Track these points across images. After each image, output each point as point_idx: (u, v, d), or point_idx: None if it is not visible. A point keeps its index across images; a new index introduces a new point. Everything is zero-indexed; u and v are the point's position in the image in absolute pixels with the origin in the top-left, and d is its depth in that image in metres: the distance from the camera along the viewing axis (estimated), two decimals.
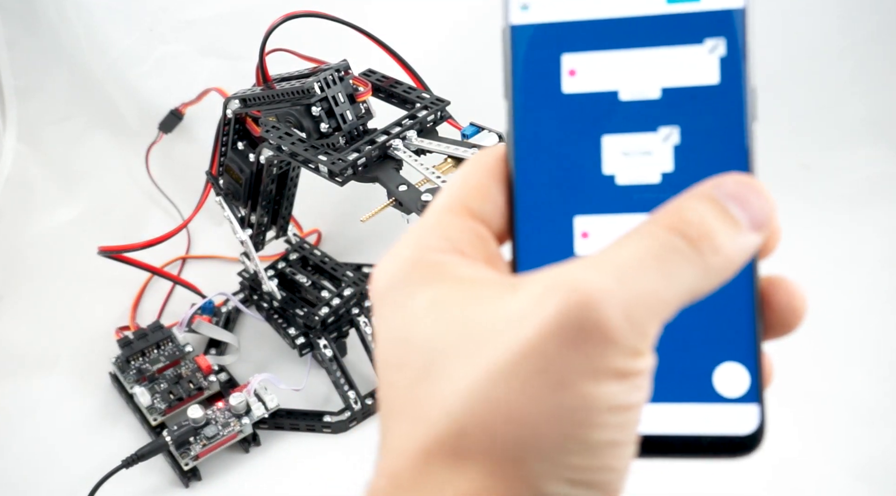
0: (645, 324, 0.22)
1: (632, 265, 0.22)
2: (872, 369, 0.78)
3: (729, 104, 0.25)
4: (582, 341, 0.21)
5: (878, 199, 0.95)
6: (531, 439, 0.21)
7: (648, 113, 0.26)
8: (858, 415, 0.74)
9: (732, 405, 0.25)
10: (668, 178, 0.26)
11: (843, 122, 1.02)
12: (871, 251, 0.90)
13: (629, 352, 0.21)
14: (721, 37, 0.25)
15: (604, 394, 0.21)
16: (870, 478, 0.69)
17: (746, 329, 0.25)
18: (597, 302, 0.21)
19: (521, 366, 0.21)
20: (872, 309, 0.84)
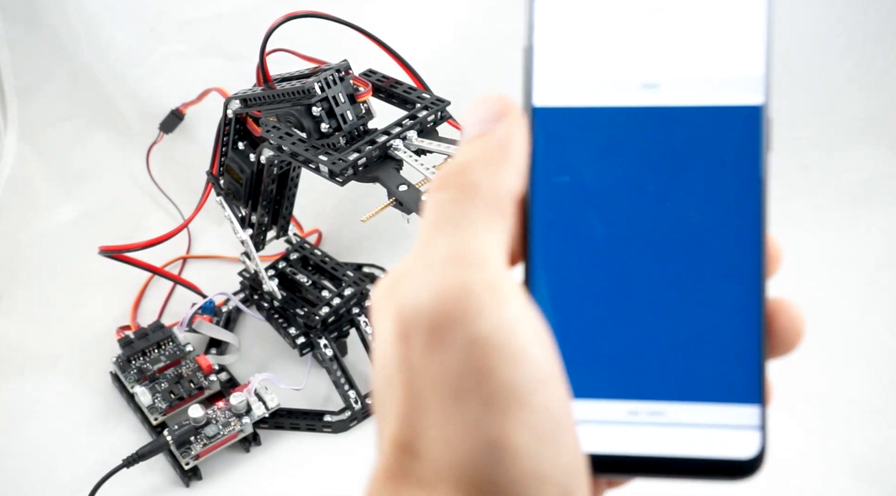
0: (475, 281, 0.22)
1: (425, 244, 0.23)
2: (872, 369, 0.78)
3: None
4: (443, 343, 0.22)
5: (878, 199, 0.95)
6: (466, 465, 0.22)
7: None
8: (858, 415, 0.74)
9: (735, 430, 0.25)
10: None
11: (843, 122, 1.02)
12: (870, 251, 0.90)
13: (489, 317, 0.22)
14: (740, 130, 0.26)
15: (499, 387, 0.22)
16: (869, 478, 0.69)
17: (752, 356, 0.26)
18: (422, 300, 0.22)
19: (420, 391, 0.22)
20: (872, 309, 0.84)
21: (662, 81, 0.26)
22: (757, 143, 0.26)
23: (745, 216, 0.26)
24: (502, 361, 0.21)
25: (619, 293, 0.26)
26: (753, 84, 0.26)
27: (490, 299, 0.22)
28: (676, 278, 0.26)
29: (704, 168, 0.26)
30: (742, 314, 0.26)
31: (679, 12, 0.26)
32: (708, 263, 0.26)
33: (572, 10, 0.27)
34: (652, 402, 0.26)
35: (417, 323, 0.22)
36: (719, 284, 0.26)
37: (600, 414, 0.26)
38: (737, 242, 0.26)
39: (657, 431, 0.25)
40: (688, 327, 0.26)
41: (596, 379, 0.26)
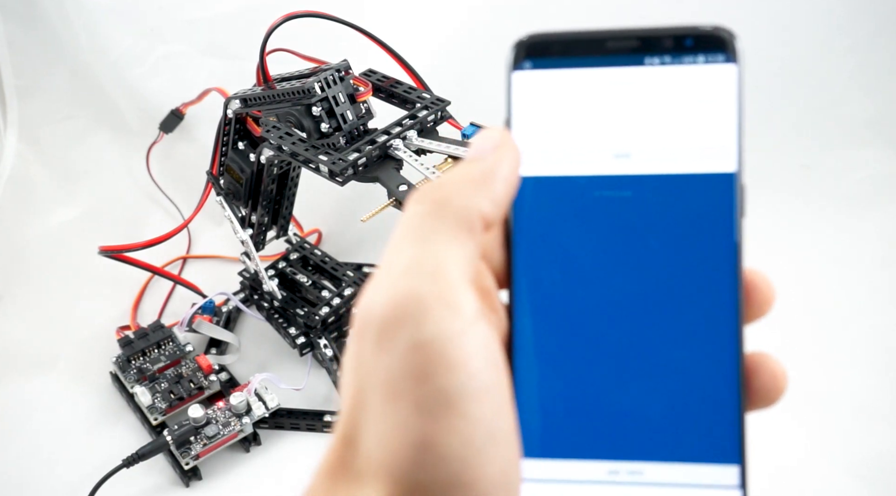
0: (428, 290, 0.23)
1: (392, 250, 0.24)
2: (872, 369, 0.78)
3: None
4: (388, 344, 0.22)
5: (878, 199, 0.95)
6: (394, 463, 0.22)
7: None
8: (858, 415, 0.74)
9: (716, 490, 0.26)
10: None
11: (844, 122, 1.02)
12: (871, 251, 0.90)
13: (435, 325, 0.22)
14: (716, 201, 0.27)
15: (434, 392, 0.22)
16: (869, 478, 0.69)
17: (731, 417, 0.26)
18: (376, 301, 0.23)
19: (363, 389, 0.23)
20: (872, 309, 0.84)
21: (634, 151, 0.27)
22: (731, 209, 0.27)
23: (721, 280, 0.26)
24: (440, 368, 0.22)
25: (599, 356, 0.26)
26: (726, 153, 0.27)
27: (438, 308, 0.22)
28: (655, 341, 0.26)
29: (680, 234, 0.26)
30: (720, 376, 0.26)
31: (650, 86, 0.27)
32: (686, 326, 0.26)
33: (548, 85, 0.27)
34: (632, 462, 0.26)
35: (369, 324, 0.23)
36: (697, 347, 0.26)
37: (581, 474, 0.26)
38: (713, 306, 0.26)
39: (637, 491, 0.26)
40: (667, 389, 0.26)
41: (577, 439, 0.26)
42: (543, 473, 0.26)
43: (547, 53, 0.27)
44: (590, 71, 0.27)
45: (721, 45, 0.27)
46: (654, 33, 0.27)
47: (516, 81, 0.28)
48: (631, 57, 0.27)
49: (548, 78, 0.27)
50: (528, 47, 0.28)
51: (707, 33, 0.27)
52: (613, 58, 0.27)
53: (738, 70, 0.27)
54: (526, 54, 0.28)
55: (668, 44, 0.27)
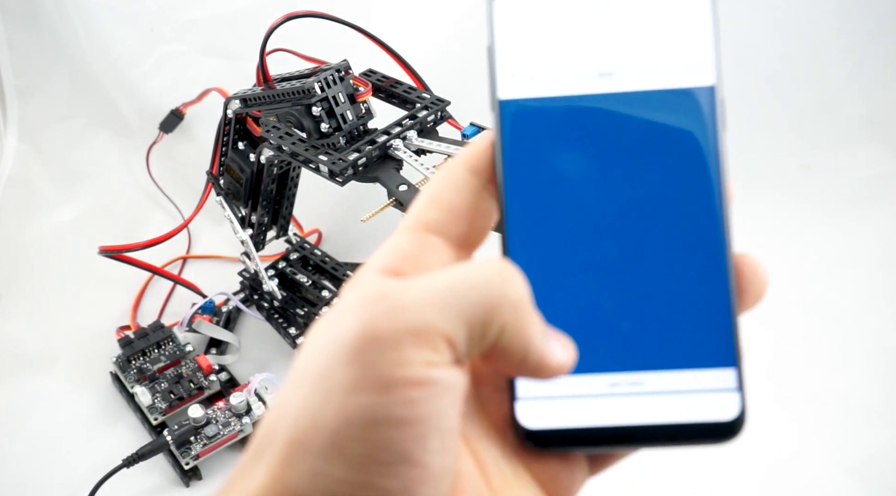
0: (423, 329, 0.23)
1: (434, 282, 0.24)
2: (870, 369, 0.78)
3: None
4: (352, 351, 0.23)
5: (878, 199, 0.95)
6: (300, 446, 0.23)
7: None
8: (856, 415, 0.74)
9: (714, 393, 0.26)
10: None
11: (843, 122, 1.02)
12: (871, 251, 0.90)
13: (387, 357, 0.23)
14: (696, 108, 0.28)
15: (363, 407, 0.23)
16: (866, 478, 0.69)
17: (724, 321, 0.27)
18: (369, 311, 0.23)
19: (303, 373, 0.24)
20: (871, 309, 0.84)
21: (616, 69, 0.28)
22: (713, 120, 0.27)
23: (706, 188, 0.27)
24: (370, 387, 0.23)
25: (592, 270, 0.27)
26: (704, 67, 0.27)
27: (411, 350, 0.23)
28: (645, 253, 0.27)
29: (665, 146, 0.27)
30: (711, 282, 0.27)
31: (628, 6, 0.28)
32: (674, 236, 0.27)
33: (528, 10, 0.28)
34: (631, 373, 0.27)
35: (344, 339, 0.23)
36: (686, 255, 0.27)
37: (582, 388, 0.27)
38: (699, 213, 0.27)
39: (639, 401, 0.26)
40: (660, 298, 0.27)
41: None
42: (543, 391, 0.27)
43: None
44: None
45: None
46: None
47: (497, 6, 0.28)
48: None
49: (527, 2, 0.28)
50: None
51: None
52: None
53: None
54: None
55: None
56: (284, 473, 0.23)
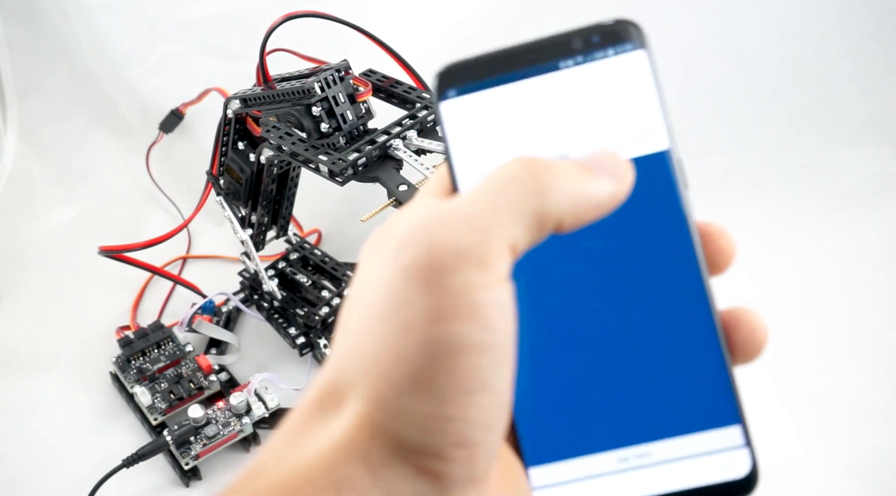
0: (473, 242, 0.23)
1: (473, 195, 0.24)
2: (872, 369, 0.78)
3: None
4: (419, 279, 0.23)
5: (878, 199, 0.95)
6: (385, 384, 0.23)
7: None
8: (856, 415, 0.74)
9: (723, 453, 0.26)
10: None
11: (843, 122, 1.02)
12: (871, 251, 0.90)
13: (469, 277, 0.23)
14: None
15: (443, 336, 0.22)
16: (868, 478, 0.69)
17: (721, 380, 0.27)
18: (425, 237, 0.23)
19: (374, 313, 0.24)
20: (872, 309, 0.84)
21: (571, 150, 0.27)
22: (673, 183, 0.27)
23: (680, 251, 0.27)
24: (459, 314, 0.23)
25: (582, 349, 0.27)
26: (655, 133, 0.27)
27: (474, 261, 0.23)
28: (632, 327, 0.27)
29: (632, 216, 0.27)
30: (701, 343, 0.27)
31: (571, 87, 0.28)
32: (657, 301, 0.27)
33: (476, 108, 0.28)
34: (638, 446, 0.27)
35: (408, 256, 0.23)
36: (673, 322, 0.27)
37: (592, 468, 0.27)
38: (678, 278, 0.27)
39: (650, 472, 0.26)
40: (654, 369, 0.27)
41: (580, 436, 0.27)
42: (554, 477, 0.27)
43: (467, 78, 0.28)
44: (511, 86, 0.28)
45: (626, 35, 0.28)
46: (561, 38, 0.28)
47: (445, 111, 0.28)
48: (545, 65, 0.28)
49: (474, 101, 0.28)
50: (447, 76, 0.28)
51: (610, 27, 0.28)
52: (529, 69, 0.28)
53: (648, 54, 0.28)
54: (448, 83, 0.28)
55: (577, 44, 0.28)
56: (372, 414, 0.23)
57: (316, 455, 0.23)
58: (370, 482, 0.23)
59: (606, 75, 0.28)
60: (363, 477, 0.23)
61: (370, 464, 0.23)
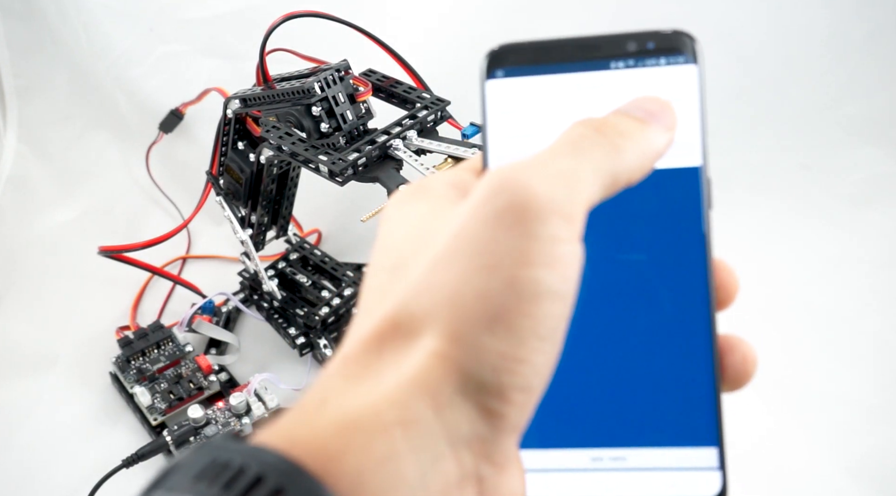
0: (561, 196, 0.24)
1: (551, 153, 0.25)
2: (871, 369, 0.78)
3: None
4: (511, 222, 0.23)
5: (878, 199, 0.95)
6: (464, 320, 0.23)
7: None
8: (856, 415, 0.74)
9: (696, 472, 0.27)
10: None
11: (843, 122, 1.02)
12: (871, 251, 0.90)
13: (554, 225, 0.23)
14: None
15: (531, 279, 0.23)
16: (867, 478, 0.69)
17: (708, 401, 0.27)
18: (519, 184, 0.24)
19: (457, 251, 0.24)
20: (872, 309, 0.84)
21: None
22: (698, 201, 0.27)
23: (692, 270, 0.27)
24: (544, 261, 0.23)
25: (577, 346, 0.27)
26: (691, 148, 0.28)
27: (562, 214, 0.24)
28: (631, 330, 0.27)
29: (651, 227, 0.27)
30: (695, 363, 0.27)
31: (617, 88, 0.28)
32: (660, 315, 0.27)
33: (520, 92, 0.28)
34: (614, 449, 0.27)
35: (501, 198, 0.24)
36: (672, 335, 0.27)
37: (565, 462, 0.27)
38: (685, 295, 0.27)
39: (620, 477, 0.27)
40: (645, 376, 0.27)
41: (560, 429, 0.27)
42: (527, 463, 0.27)
43: (518, 62, 0.29)
44: (559, 77, 0.28)
45: (681, 47, 0.28)
46: (618, 38, 0.28)
47: (490, 90, 0.29)
48: (597, 62, 0.28)
49: (520, 85, 0.28)
50: (499, 57, 0.29)
51: (667, 36, 0.28)
52: (581, 63, 0.28)
53: (699, 70, 0.28)
54: (498, 63, 0.29)
55: (632, 48, 0.28)
56: (449, 350, 0.23)
57: (384, 391, 0.23)
58: (434, 421, 0.23)
59: (654, 83, 0.28)
60: (429, 414, 0.23)
61: (438, 402, 0.23)
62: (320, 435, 0.22)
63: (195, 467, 0.22)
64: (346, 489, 0.21)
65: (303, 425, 0.23)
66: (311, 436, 0.22)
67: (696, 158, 0.28)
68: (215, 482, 0.21)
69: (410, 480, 0.22)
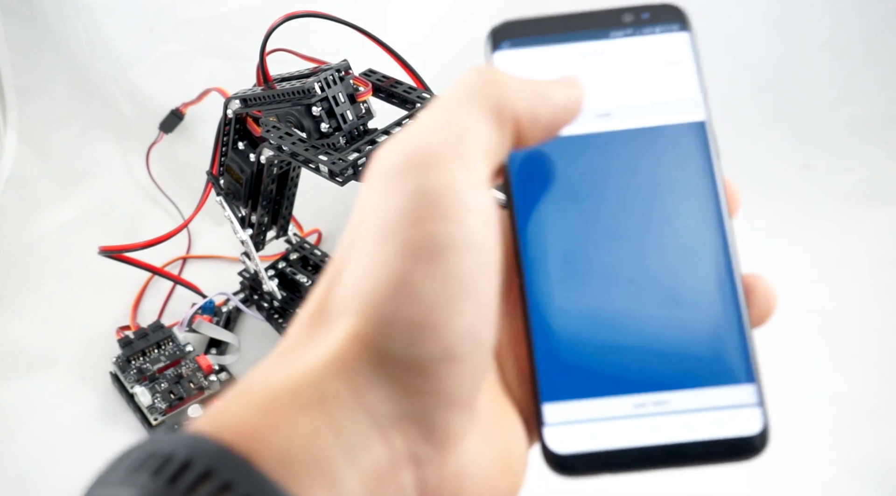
0: (445, 144, 0.23)
1: (428, 112, 0.24)
2: (871, 369, 0.78)
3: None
4: (396, 185, 0.23)
5: (878, 199, 0.95)
6: (370, 295, 0.23)
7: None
8: (856, 415, 0.74)
9: (737, 409, 0.27)
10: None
11: (843, 122, 1.02)
12: (870, 251, 0.90)
13: (442, 175, 0.23)
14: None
15: (422, 236, 0.22)
16: (867, 478, 0.69)
17: (740, 340, 0.28)
18: (399, 146, 0.24)
19: (367, 230, 0.24)
20: (872, 309, 0.84)
21: (613, 111, 0.30)
22: (707, 151, 0.29)
23: (709, 214, 0.29)
24: (437, 215, 0.22)
25: (609, 297, 0.28)
26: (694, 105, 0.30)
27: (451, 162, 0.23)
28: (658, 281, 0.28)
29: (666, 178, 0.29)
30: (723, 303, 0.28)
31: (619, 55, 0.30)
32: (685, 261, 0.28)
33: (528, 61, 0.30)
34: (655, 394, 0.27)
35: (382, 170, 0.24)
36: (698, 280, 0.28)
37: (609, 410, 0.27)
38: (705, 238, 0.28)
39: (664, 420, 0.27)
40: (677, 321, 0.28)
41: (599, 377, 0.27)
42: (569, 415, 0.27)
43: (522, 34, 0.31)
44: (563, 47, 0.30)
45: (674, 16, 0.31)
46: (616, 11, 0.31)
47: (498, 61, 0.30)
48: (598, 31, 0.30)
49: (526, 55, 0.30)
50: (505, 30, 0.31)
51: (660, 8, 0.31)
52: (582, 33, 0.30)
53: (691, 36, 0.31)
54: (504, 36, 0.31)
55: (629, 18, 0.30)
56: (361, 327, 0.23)
57: (302, 371, 0.23)
58: (353, 400, 0.22)
59: (652, 49, 0.30)
60: (347, 394, 0.22)
61: (355, 382, 0.22)
62: (244, 416, 0.22)
63: (128, 459, 0.22)
64: (275, 466, 0.21)
65: (229, 408, 0.23)
66: (236, 419, 0.22)
67: (700, 114, 0.30)
68: (146, 470, 0.21)
69: (337, 460, 0.22)
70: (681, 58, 0.30)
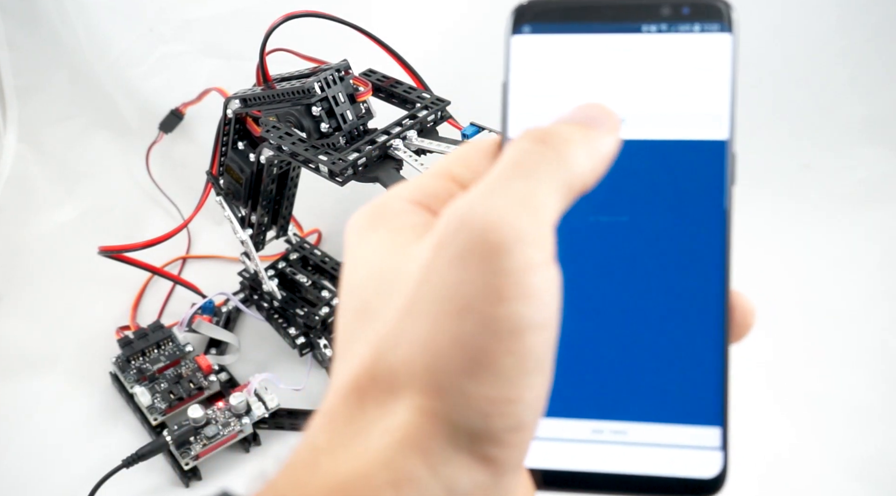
0: (525, 223, 0.23)
1: (500, 177, 0.24)
2: (870, 369, 0.78)
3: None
4: (477, 260, 0.22)
5: (878, 199, 0.95)
6: (444, 370, 0.22)
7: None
8: (856, 415, 0.74)
9: (697, 450, 0.26)
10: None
11: (843, 122, 1.02)
12: (870, 251, 0.90)
13: (523, 255, 0.22)
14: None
15: (507, 315, 0.22)
16: (865, 478, 0.69)
17: (715, 379, 0.26)
18: (477, 218, 0.23)
19: (426, 298, 0.23)
20: (871, 309, 0.84)
21: (629, 116, 0.27)
22: (722, 175, 0.27)
23: (709, 244, 0.26)
24: (519, 295, 0.22)
25: (584, 317, 0.27)
26: (718, 120, 0.27)
27: (530, 241, 0.23)
28: (641, 306, 0.26)
29: (671, 198, 0.27)
30: (704, 340, 0.26)
31: (647, 53, 0.27)
32: (671, 289, 0.26)
33: (546, 50, 0.28)
34: (615, 422, 0.26)
35: (458, 235, 0.23)
36: (683, 312, 0.26)
37: (566, 432, 0.27)
38: (700, 269, 0.26)
39: (620, 450, 0.26)
40: (651, 351, 0.26)
41: (562, 399, 0.26)
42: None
43: (546, 18, 0.28)
44: (588, 37, 0.27)
45: (717, 14, 0.27)
46: (652, 2, 0.27)
47: (515, 45, 0.28)
48: (628, 24, 0.27)
49: (546, 42, 0.28)
50: (528, 11, 0.28)
51: (704, 2, 0.27)
52: (611, 24, 0.27)
53: (733, 39, 0.27)
54: (525, 19, 0.28)
55: (665, 12, 0.27)
56: (432, 405, 0.22)
57: (374, 450, 0.23)
58: (430, 477, 0.22)
59: (686, 50, 0.27)
60: (423, 472, 0.22)
61: (430, 460, 0.22)
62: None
63: None
64: None
65: (296, 489, 0.23)
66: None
67: (723, 132, 0.27)
68: None
69: None
70: (716, 63, 0.27)
